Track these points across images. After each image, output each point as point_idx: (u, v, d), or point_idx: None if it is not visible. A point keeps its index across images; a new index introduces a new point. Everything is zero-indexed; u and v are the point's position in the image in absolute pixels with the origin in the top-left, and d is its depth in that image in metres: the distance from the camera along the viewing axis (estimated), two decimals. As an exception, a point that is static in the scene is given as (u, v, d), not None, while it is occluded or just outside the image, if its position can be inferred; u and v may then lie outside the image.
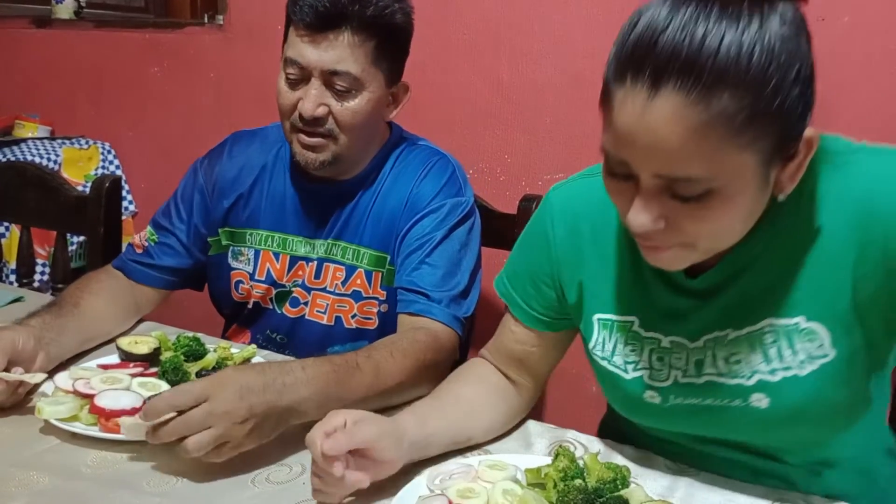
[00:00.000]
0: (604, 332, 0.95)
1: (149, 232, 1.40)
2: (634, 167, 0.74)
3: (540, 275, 1.01)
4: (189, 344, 1.15)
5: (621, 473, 0.84)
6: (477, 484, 0.86)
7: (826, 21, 1.47)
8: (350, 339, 1.35)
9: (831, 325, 0.82)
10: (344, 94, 1.21)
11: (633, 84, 0.71)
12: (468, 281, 1.27)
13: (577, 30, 1.89)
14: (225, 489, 0.91)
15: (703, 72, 0.68)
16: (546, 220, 0.99)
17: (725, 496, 0.91)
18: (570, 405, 1.99)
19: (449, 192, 1.31)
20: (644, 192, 0.75)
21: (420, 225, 1.28)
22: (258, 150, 1.39)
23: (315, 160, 1.24)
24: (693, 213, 0.74)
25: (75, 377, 1.05)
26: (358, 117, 1.23)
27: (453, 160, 1.37)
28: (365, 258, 1.32)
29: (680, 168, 0.71)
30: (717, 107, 0.68)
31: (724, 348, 0.87)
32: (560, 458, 0.86)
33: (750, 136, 0.70)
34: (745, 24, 0.68)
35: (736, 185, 0.73)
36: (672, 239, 0.77)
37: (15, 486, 0.89)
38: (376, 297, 1.33)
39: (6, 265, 2.20)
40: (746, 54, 0.68)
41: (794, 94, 0.71)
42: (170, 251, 1.38)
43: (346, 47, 1.18)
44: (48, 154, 2.53)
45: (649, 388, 0.92)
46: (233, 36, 2.39)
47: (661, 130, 0.70)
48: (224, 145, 1.43)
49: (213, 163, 1.41)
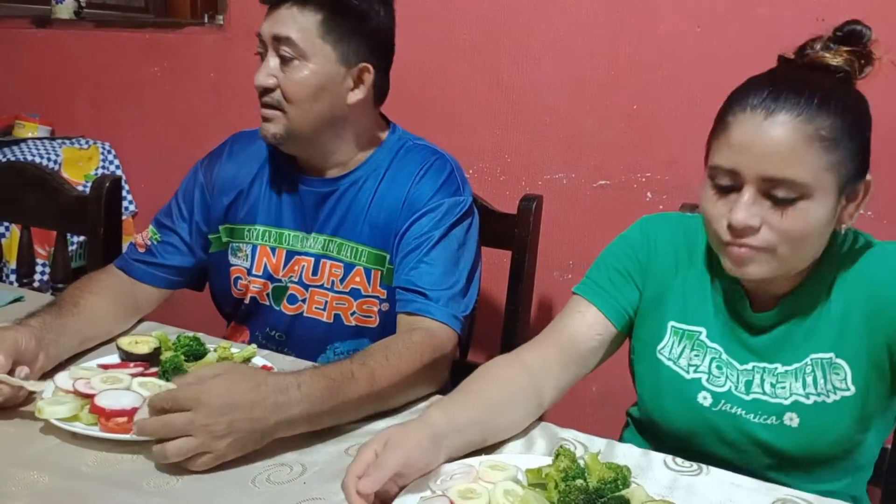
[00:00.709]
0: (674, 337, 1.10)
1: (151, 231, 1.41)
2: (745, 173, 0.93)
3: (632, 273, 1.13)
4: (189, 344, 1.15)
5: (622, 473, 0.84)
6: (478, 484, 0.86)
7: (826, 21, 1.47)
8: (351, 337, 1.36)
9: (853, 364, 1.00)
10: (289, 61, 1.24)
11: (753, 110, 0.93)
12: (466, 279, 1.28)
13: (577, 30, 1.89)
14: (225, 489, 0.90)
15: (811, 100, 0.91)
16: (648, 232, 1.14)
17: (725, 496, 0.91)
18: (571, 405, 1.99)
19: (447, 192, 1.31)
20: (747, 196, 0.93)
21: (418, 224, 1.28)
22: (258, 148, 1.41)
23: (268, 132, 1.28)
24: (784, 215, 0.92)
25: (75, 377, 1.05)
26: (301, 87, 1.25)
27: (451, 159, 1.37)
28: (364, 256, 1.33)
29: (787, 170, 0.90)
30: (819, 127, 0.90)
31: (772, 377, 1.04)
32: (561, 458, 0.86)
33: (838, 157, 0.92)
34: (835, 94, 0.93)
35: (820, 199, 0.92)
36: (761, 239, 0.93)
37: (15, 486, 0.89)
38: (376, 296, 1.33)
39: (6, 265, 2.20)
40: (842, 95, 0.94)
41: (865, 139, 0.96)
42: (172, 249, 1.39)
43: (290, 16, 1.24)
44: (48, 154, 2.53)
45: (705, 389, 1.06)
46: (233, 36, 2.39)
47: (775, 139, 0.91)
48: (224, 145, 1.45)
49: (213, 161, 1.43)
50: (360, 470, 0.83)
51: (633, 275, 1.13)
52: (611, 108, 1.89)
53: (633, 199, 1.89)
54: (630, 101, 1.86)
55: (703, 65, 1.76)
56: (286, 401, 0.96)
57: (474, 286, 1.31)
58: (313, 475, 0.94)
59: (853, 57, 0.96)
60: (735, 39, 1.71)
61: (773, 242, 0.94)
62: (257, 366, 1.17)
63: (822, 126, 0.91)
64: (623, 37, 1.84)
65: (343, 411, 1.02)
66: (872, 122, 0.98)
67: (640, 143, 1.87)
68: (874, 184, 0.99)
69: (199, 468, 0.92)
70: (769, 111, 0.92)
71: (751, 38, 1.69)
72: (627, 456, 0.99)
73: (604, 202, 1.93)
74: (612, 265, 1.14)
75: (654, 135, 1.84)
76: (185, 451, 0.91)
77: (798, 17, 1.63)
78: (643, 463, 0.98)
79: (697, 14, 1.76)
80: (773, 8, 1.67)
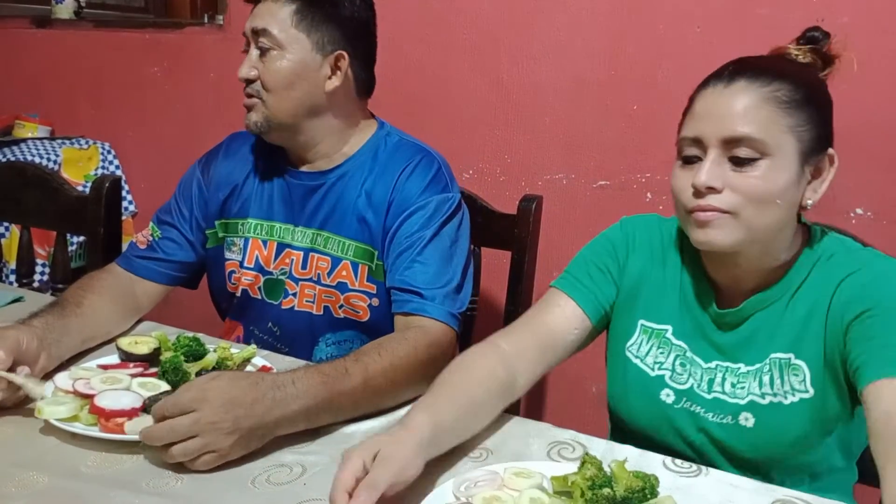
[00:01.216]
0: (643, 335, 1.12)
1: (152, 228, 1.43)
2: (706, 138, 0.97)
3: (611, 269, 1.15)
4: (189, 344, 1.15)
5: (650, 482, 0.82)
6: (503, 492, 0.86)
7: (826, 21, 1.47)
8: (340, 328, 1.36)
9: (812, 366, 0.99)
10: (266, 51, 1.29)
11: (715, 84, 0.98)
12: (461, 276, 1.28)
13: (577, 30, 1.89)
14: (225, 490, 0.91)
15: (771, 70, 0.97)
16: (629, 231, 1.16)
17: (725, 496, 0.91)
18: (570, 405, 2.00)
19: (435, 189, 1.32)
20: (710, 158, 0.96)
21: (408, 223, 1.29)
22: (254, 145, 1.44)
23: (249, 120, 1.33)
24: (745, 175, 0.95)
25: (75, 377, 1.05)
26: (278, 77, 1.29)
27: (438, 156, 1.38)
28: (350, 250, 1.34)
29: (745, 127, 0.94)
30: (776, 89, 0.95)
31: (734, 376, 1.04)
32: (587, 465, 0.84)
33: (796, 120, 0.95)
34: (795, 68, 1.00)
35: (779, 161, 0.95)
36: (723, 200, 0.96)
37: (15, 486, 0.89)
38: (364, 291, 1.34)
39: (6, 265, 2.20)
40: (803, 73, 0.99)
41: (825, 115, 0.99)
42: (174, 245, 1.41)
43: (267, 9, 1.30)
44: (48, 154, 2.53)
45: (668, 386, 1.08)
46: (233, 36, 2.39)
47: (731, 102, 0.96)
48: (221, 145, 1.48)
49: (210, 159, 1.46)
50: (349, 482, 0.80)
51: (611, 271, 1.14)
52: (611, 108, 1.88)
53: (633, 200, 1.89)
54: (630, 101, 1.86)
55: (703, 65, 1.76)
56: (283, 396, 0.97)
57: (468, 282, 1.31)
58: (313, 476, 0.94)
59: (815, 56, 1.02)
60: (735, 39, 1.71)
61: (736, 204, 0.96)
62: (257, 366, 1.17)
63: (778, 88, 0.95)
64: (623, 37, 1.84)
65: (339, 407, 1.03)
66: (871, 120, 0.99)
67: (640, 144, 1.86)
68: (874, 184, 0.99)
69: (203, 467, 0.92)
70: (730, 80, 0.97)
71: (751, 38, 1.69)
72: (627, 456, 0.99)
73: (604, 202, 1.93)
74: (591, 261, 1.16)
75: (654, 135, 1.84)
76: (192, 451, 0.91)
77: (798, 18, 1.63)
78: (642, 463, 0.97)
79: (697, 14, 1.76)
80: (773, 8, 1.67)
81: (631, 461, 0.96)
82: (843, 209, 1.65)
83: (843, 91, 1.02)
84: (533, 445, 1.02)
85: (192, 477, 0.92)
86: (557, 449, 1.01)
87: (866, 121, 1.59)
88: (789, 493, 0.92)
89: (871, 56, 1.56)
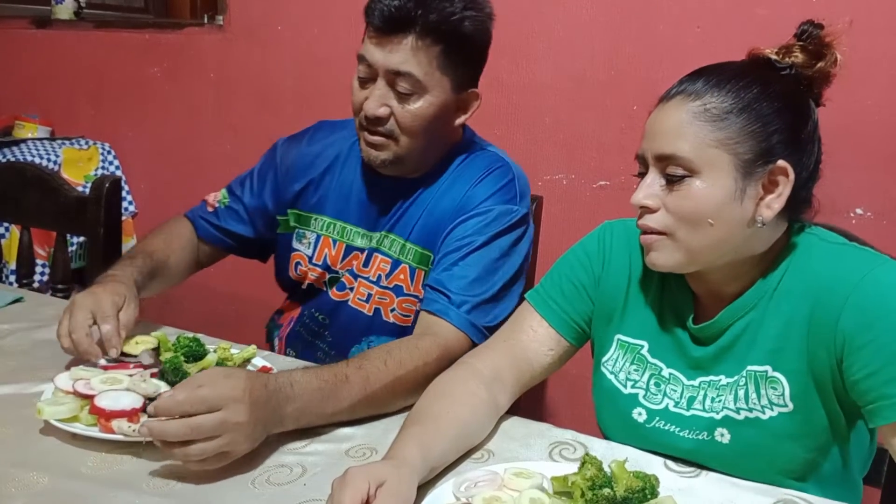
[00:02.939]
0: (619, 350, 1.08)
1: (222, 194, 1.47)
2: (646, 156, 0.95)
3: (586, 285, 1.10)
4: (189, 344, 1.15)
5: (650, 483, 0.82)
6: (503, 492, 0.85)
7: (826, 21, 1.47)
8: (388, 333, 1.35)
9: (791, 379, 0.94)
10: (406, 96, 1.23)
11: (661, 99, 0.97)
12: (499, 290, 1.24)
13: (577, 30, 1.89)
14: (225, 491, 0.90)
15: (708, 81, 0.94)
16: (605, 241, 1.11)
17: (726, 497, 0.91)
18: (570, 405, 2.00)
19: (501, 198, 1.29)
20: (648, 177, 0.95)
21: (463, 226, 1.27)
22: (336, 139, 1.43)
23: (377, 158, 1.27)
24: (677, 194, 0.93)
25: (75, 378, 1.05)
26: (418, 121, 1.24)
27: (516, 168, 1.35)
28: (410, 254, 1.32)
29: (672, 145, 0.92)
30: (705, 102, 0.92)
31: (714, 390, 0.99)
32: (587, 466, 0.84)
33: (727, 134, 0.91)
34: (743, 77, 0.94)
35: (713, 178, 0.91)
36: (656, 220, 0.94)
37: (15, 487, 0.89)
38: (417, 296, 1.32)
39: (6, 265, 2.20)
40: (757, 81, 0.94)
41: (775, 119, 0.92)
42: (236, 217, 1.45)
43: (410, 51, 1.20)
44: (48, 154, 2.53)
45: (640, 405, 1.04)
46: (233, 36, 2.39)
47: (664, 119, 0.95)
48: (307, 131, 1.48)
49: (292, 145, 1.46)
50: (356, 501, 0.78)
51: (586, 287, 1.10)
52: (611, 108, 1.88)
53: (633, 200, 1.89)
54: (630, 101, 1.86)
55: (703, 65, 1.76)
56: (284, 398, 0.97)
57: (510, 299, 1.26)
58: (313, 477, 0.94)
59: (804, 53, 0.97)
60: (735, 39, 1.71)
61: (670, 225, 0.94)
62: (257, 366, 1.17)
63: (708, 101, 0.92)
64: (623, 37, 1.84)
65: (334, 414, 1.02)
66: (871, 124, 0.97)
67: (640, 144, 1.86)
68: (874, 184, 0.98)
69: (209, 467, 0.90)
70: (668, 97, 0.96)
71: (751, 38, 1.67)
72: (627, 457, 0.99)
73: (604, 202, 1.93)
74: (566, 276, 1.12)
75: (654, 135, 1.84)
76: (210, 452, 0.89)
77: (798, 17, 1.62)
78: (642, 464, 0.97)
79: (697, 14, 1.76)
80: (773, 8, 1.67)
81: (631, 461, 0.96)
82: (843, 209, 1.65)
83: (843, 91, 1.01)
84: (533, 446, 1.02)
85: (193, 478, 0.92)
86: (558, 449, 1.01)
87: (866, 121, 1.59)
88: (791, 493, 0.92)
89: (872, 56, 1.56)
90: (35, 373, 1.15)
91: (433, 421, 0.96)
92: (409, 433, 0.93)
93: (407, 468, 0.85)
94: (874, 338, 0.87)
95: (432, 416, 0.97)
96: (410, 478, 0.85)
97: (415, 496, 0.84)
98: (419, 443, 0.90)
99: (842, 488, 0.98)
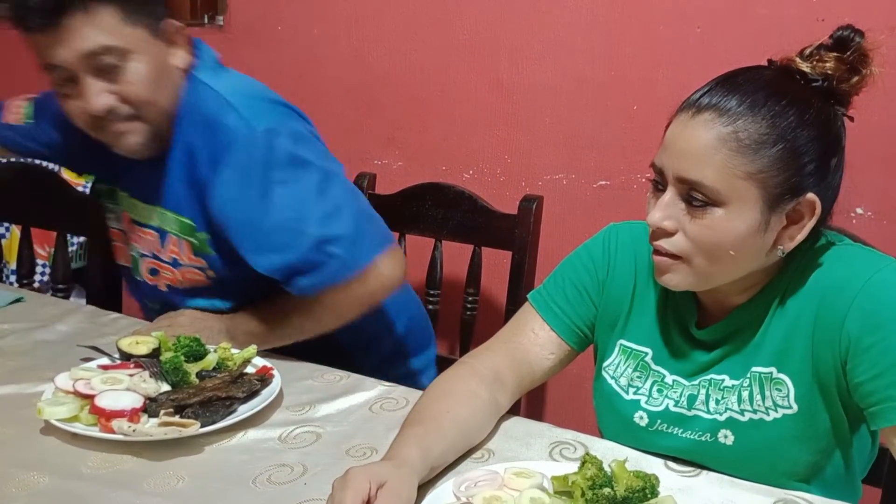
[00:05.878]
0: (622, 355, 1.06)
1: (25, 112, 1.46)
2: (666, 172, 0.90)
3: (589, 290, 1.09)
4: (189, 344, 1.15)
5: (650, 482, 0.82)
6: (503, 492, 0.85)
7: (826, 21, 1.47)
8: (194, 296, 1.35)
9: (796, 380, 0.93)
10: (113, 66, 1.13)
11: (687, 108, 0.90)
12: (319, 215, 1.19)
13: (577, 30, 1.89)
14: (226, 489, 0.90)
15: (743, 101, 0.86)
16: (610, 246, 1.09)
17: (726, 497, 0.91)
18: (570, 405, 2.00)
19: (238, 125, 1.19)
20: (667, 196, 0.90)
21: (227, 185, 1.19)
22: None
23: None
24: (699, 223, 0.88)
25: (75, 378, 1.05)
26: (141, 87, 1.15)
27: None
28: (174, 224, 1.30)
29: (698, 172, 0.86)
30: (738, 129, 0.85)
31: (718, 391, 0.98)
32: (588, 465, 0.84)
33: (758, 167, 0.86)
34: (779, 100, 0.87)
35: (738, 210, 0.87)
36: (673, 244, 0.90)
37: (15, 487, 0.89)
38: (195, 266, 1.31)
39: (6, 265, 2.20)
40: (792, 105, 0.87)
41: (808, 149, 0.87)
42: (31, 138, 1.46)
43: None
44: (48, 154, 2.52)
45: (641, 409, 1.03)
46: (233, 36, 2.39)
47: (692, 138, 0.87)
48: None
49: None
50: (358, 500, 0.78)
51: (590, 292, 1.09)
52: (611, 108, 1.88)
53: (633, 200, 1.89)
54: (630, 101, 1.86)
55: (703, 65, 1.76)
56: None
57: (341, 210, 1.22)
58: (314, 476, 0.94)
59: (839, 64, 0.89)
60: (735, 39, 1.71)
61: (687, 251, 0.90)
62: (257, 366, 1.17)
63: (742, 129, 0.85)
64: (623, 37, 1.84)
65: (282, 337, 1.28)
66: (871, 124, 0.95)
67: (640, 143, 1.86)
68: (874, 184, 0.97)
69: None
70: (697, 109, 0.88)
71: (751, 38, 1.69)
72: (627, 457, 0.99)
73: (604, 202, 1.92)
74: (569, 279, 1.10)
75: (655, 135, 1.82)
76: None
77: (798, 18, 1.63)
78: (642, 463, 0.97)
79: (697, 14, 1.76)
80: (773, 8, 1.67)
81: (631, 461, 0.96)
82: (843, 209, 1.65)
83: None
84: (534, 445, 1.02)
85: (193, 477, 0.92)
86: (559, 449, 1.01)
87: (866, 121, 1.59)
88: (790, 493, 0.92)
89: (871, 56, 1.56)
90: (35, 373, 1.15)
91: (433, 421, 0.96)
92: (410, 433, 0.93)
93: (407, 468, 0.85)
94: (880, 340, 0.86)
95: (432, 416, 0.96)
96: (411, 478, 0.85)
97: (415, 496, 0.84)
98: (419, 443, 0.90)
99: (844, 491, 0.97)
